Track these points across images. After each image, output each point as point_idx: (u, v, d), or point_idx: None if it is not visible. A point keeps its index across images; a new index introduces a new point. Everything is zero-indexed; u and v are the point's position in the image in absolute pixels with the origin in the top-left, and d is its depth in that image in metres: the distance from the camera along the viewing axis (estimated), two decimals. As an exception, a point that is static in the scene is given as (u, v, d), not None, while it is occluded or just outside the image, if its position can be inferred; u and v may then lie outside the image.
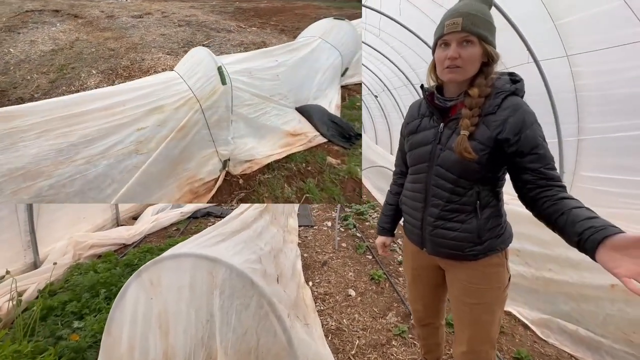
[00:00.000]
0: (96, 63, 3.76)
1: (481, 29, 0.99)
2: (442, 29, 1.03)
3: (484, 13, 1.02)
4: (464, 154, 1.01)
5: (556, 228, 0.94)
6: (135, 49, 4.35)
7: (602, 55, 2.19)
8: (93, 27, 5.31)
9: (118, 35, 4.89)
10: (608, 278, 2.00)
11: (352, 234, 4.04)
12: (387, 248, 1.50)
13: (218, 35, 5.29)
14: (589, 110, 2.47)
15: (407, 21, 3.75)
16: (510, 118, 0.98)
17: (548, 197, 0.96)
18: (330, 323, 2.33)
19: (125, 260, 2.85)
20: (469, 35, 0.99)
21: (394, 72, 5.36)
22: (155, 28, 5.51)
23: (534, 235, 2.39)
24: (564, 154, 2.65)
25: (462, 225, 1.10)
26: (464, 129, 1.01)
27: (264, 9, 8.37)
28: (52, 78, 3.34)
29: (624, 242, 0.73)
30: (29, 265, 2.68)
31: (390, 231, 1.48)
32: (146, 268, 1.31)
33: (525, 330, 2.25)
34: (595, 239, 0.78)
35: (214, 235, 1.68)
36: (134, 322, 1.29)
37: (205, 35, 5.25)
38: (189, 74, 2.15)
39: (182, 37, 5.07)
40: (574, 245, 0.87)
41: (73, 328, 2.01)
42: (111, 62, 3.83)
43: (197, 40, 4.91)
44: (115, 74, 3.52)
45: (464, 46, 1.00)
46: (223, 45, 4.77)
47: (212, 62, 2.17)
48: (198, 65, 2.19)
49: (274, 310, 1.30)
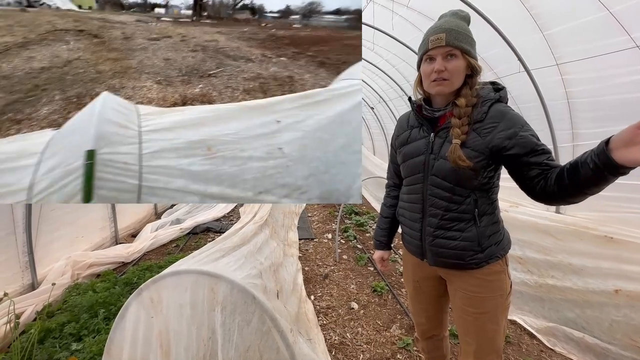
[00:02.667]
0: (72, 86, 3.38)
1: (463, 42, 1.06)
2: (427, 44, 1.10)
3: (464, 29, 1.09)
4: (458, 162, 1.03)
5: (571, 179, 0.90)
6: (125, 73, 3.93)
7: (591, 63, 2.24)
8: (103, 47, 5.13)
9: (121, 57, 4.62)
10: (611, 283, 1.99)
11: (353, 245, 4.02)
12: (385, 262, 1.49)
13: (232, 64, 4.54)
14: (581, 116, 2.51)
15: (400, 35, 3.84)
16: (499, 125, 1.03)
17: (555, 173, 0.96)
18: (333, 337, 2.29)
19: (125, 279, 2.81)
20: (452, 49, 1.05)
21: (389, 84, 5.45)
22: (163, 52, 5.16)
23: (536, 242, 2.39)
24: (560, 160, 2.68)
25: (462, 234, 1.11)
26: (456, 138, 1.05)
27: (304, 37, 6.99)
28: (10, 100, 2.92)
29: (626, 134, 0.76)
30: (27, 287, 2.64)
31: (387, 244, 1.48)
32: (146, 286, 1.30)
33: (531, 339, 2.22)
34: (601, 144, 0.81)
35: (214, 251, 1.68)
36: (134, 342, 1.27)
37: (216, 63, 4.58)
38: (55, 150, 1.20)
39: (188, 63, 4.56)
40: (590, 171, 0.84)
41: (71, 350, 1.97)
42: (87, 86, 3.38)
43: (204, 68, 4.29)
44: (77, 103, 2.98)
45: (448, 59, 1.06)
46: (233, 77, 3.92)
47: (90, 133, 1.13)
48: (73, 133, 1.22)
49: (276, 325, 1.29)
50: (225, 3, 19.07)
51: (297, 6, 20.37)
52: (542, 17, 2.41)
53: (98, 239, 3.67)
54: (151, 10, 18.45)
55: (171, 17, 14.63)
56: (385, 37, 3.99)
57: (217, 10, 17.76)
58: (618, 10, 1.96)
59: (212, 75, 3.95)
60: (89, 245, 3.48)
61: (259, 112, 1.50)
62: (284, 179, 1.38)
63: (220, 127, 1.39)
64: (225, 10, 18.48)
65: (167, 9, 18.95)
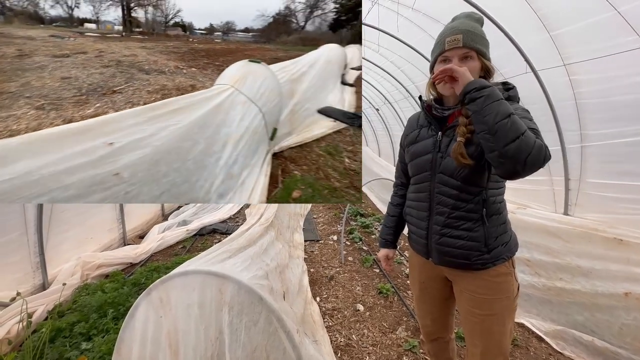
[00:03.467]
0: None
1: (479, 44, 1.06)
2: (443, 45, 1.09)
3: (480, 30, 1.09)
4: (459, 159, 1.04)
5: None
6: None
7: (600, 63, 2.22)
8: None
9: (3, 79, 3.94)
10: (621, 286, 1.96)
11: (359, 247, 4.01)
12: (390, 261, 1.50)
13: (142, 78, 4.39)
14: (590, 117, 2.48)
15: (405, 37, 3.84)
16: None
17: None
18: (339, 339, 2.29)
19: (133, 280, 2.85)
20: (469, 50, 1.05)
21: (394, 86, 5.44)
22: (66, 70, 4.59)
23: (543, 244, 2.37)
24: (568, 160, 2.65)
25: (469, 234, 1.11)
26: (460, 136, 1.06)
27: (218, 50, 8.03)
28: None
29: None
30: (38, 287, 2.69)
31: (392, 243, 1.48)
32: (155, 286, 1.32)
33: (540, 343, 2.20)
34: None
35: (221, 252, 1.70)
36: (143, 341, 1.29)
37: (126, 78, 4.33)
38: None
39: (92, 80, 4.15)
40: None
41: (81, 350, 2.01)
42: None
43: (111, 85, 4.00)
44: None
45: (464, 61, 1.06)
46: (137, 92, 3.80)
47: None
48: None
49: (283, 326, 1.30)
50: (159, 20, 20.24)
51: (218, 25, 24.79)
52: (549, 17, 2.39)
53: (106, 240, 3.73)
54: (80, 25, 17.69)
55: (100, 32, 14.03)
56: (390, 38, 4.00)
57: (151, 26, 18.84)
58: (626, 9, 1.93)
59: (116, 92, 3.70)
60: (97, 246, 3.53)
61: (81, 137, 1.20)
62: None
63: (22, 165, 1.06)
64: (159, 27, 19.65)
65: (99, 24, 18.46)
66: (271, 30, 21.97)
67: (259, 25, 23.63)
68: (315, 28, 20.86)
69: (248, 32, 23.68)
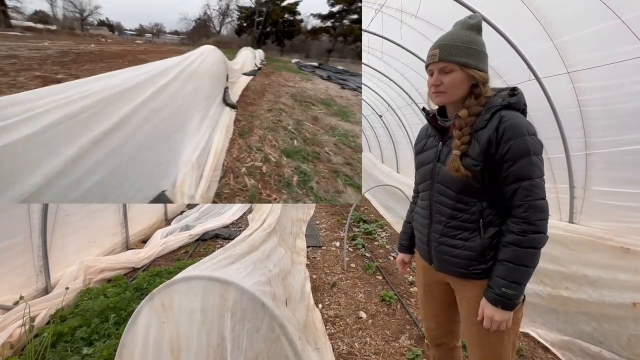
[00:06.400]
0: None
1: (460, 56, 1.06)
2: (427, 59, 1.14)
3: (465, 41, 1.08)
4: (453, 172, 1.07)
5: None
6: None
7: (604, 71, 2.22)
8: None
9: None
10: (628, 296, 1.93)
11: (361, 253, 3.99)
12: (407, 265, 1.54)
13: None
14: (594, 124, 2.47)
15: (408, 44, 3.87)
16: (499, 127, 1.02)
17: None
18: (341, 347, 2.27)
19: (135, 284, 2.85)
20: (447, 64, 1.08)
21: (398, 93, 5.46)
22: None
23: (548, 252, 2.34)
24: (573, 168, 2.63)
25: (466, 243, 1.12)
26: (455, 149, 1.08)
27: (111, 52, 7.07)
28: None
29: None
30: (41, 290, 2.69)
31: (408, 248, 1.52)
32: (158, 291, 1.32)
33: (546, 353, 2.16)
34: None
35: (223, 258, 1.69)
36: (145, 347, 1.29)
37: None
38: None
39: None
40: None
41: (82, 354, 2.00)
42: None
43: None
44: None
45: (444, 74, 1.09)
46: None
47: None
48: None
49: (285, 333, 1.29)
50: (72, 17, 19.78)
51: (147, 26, 26.22)
52: (553, 25, 2.40)
53: (110, 244, 3.73)
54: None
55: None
56: (393, 46, 4.03)
57: (69, 24, 18.21)
58: (630, 18, 1.94)
59: None
60: (100, 250, 3.54)
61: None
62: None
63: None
64: (80, 25, 19.24)
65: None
66: (193, 33, 24.58)
67: (183, 28, 26.09)
68: (229, 32, 23.97)
69: (178, 35, 25.53)
